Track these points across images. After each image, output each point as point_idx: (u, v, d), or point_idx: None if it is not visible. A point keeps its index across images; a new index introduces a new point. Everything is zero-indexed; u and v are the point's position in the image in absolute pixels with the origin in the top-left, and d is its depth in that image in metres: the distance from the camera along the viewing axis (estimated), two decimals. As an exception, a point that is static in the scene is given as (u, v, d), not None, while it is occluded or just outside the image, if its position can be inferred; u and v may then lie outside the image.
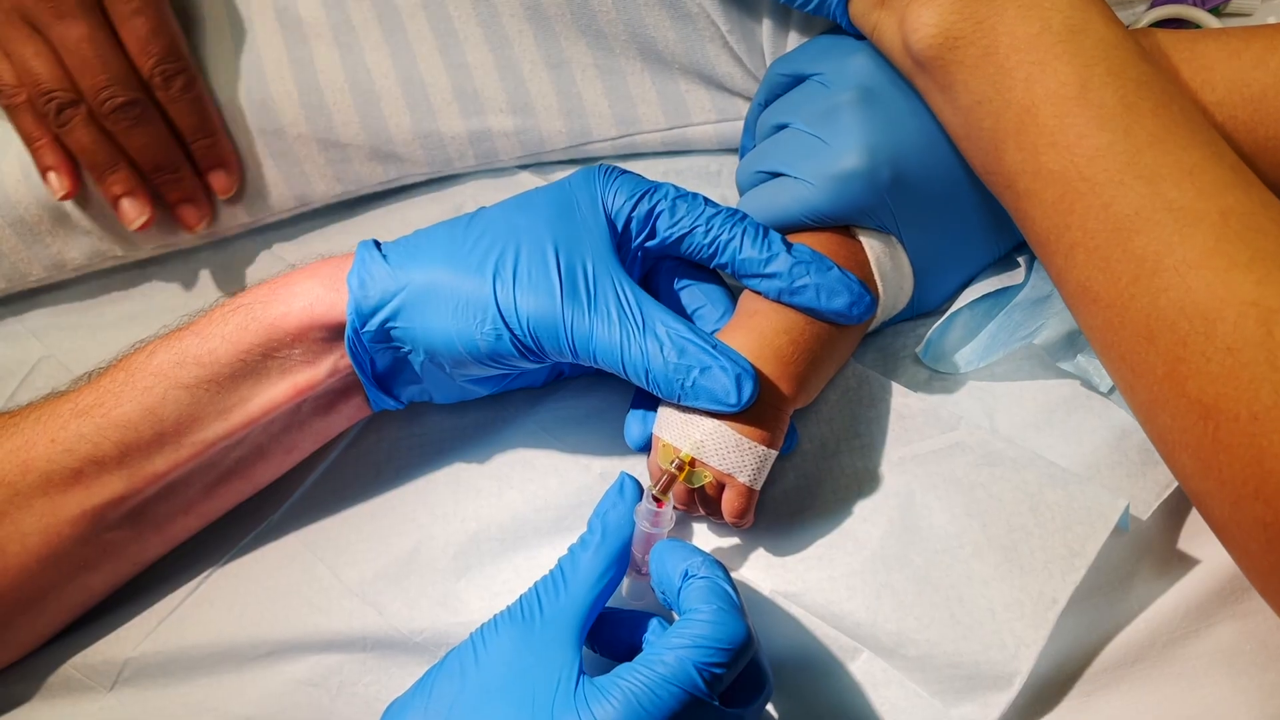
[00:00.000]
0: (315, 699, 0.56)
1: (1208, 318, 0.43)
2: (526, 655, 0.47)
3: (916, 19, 0.52)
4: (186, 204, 0.67)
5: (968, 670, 0.51)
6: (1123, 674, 0.54)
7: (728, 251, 0.54)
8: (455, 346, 0.52)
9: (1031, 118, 0.48)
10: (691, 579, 0.48)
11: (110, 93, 0.62)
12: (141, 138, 0.64)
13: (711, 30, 0.65)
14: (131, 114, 0.63)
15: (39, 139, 0.64)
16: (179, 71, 0.64)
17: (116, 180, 0.65)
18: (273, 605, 0.57)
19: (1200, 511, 0.47)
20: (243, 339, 0.53)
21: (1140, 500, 0.55)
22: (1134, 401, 0.48)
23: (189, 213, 0.67)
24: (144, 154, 0.65)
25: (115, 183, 0.65)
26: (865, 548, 0.54)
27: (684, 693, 0.44)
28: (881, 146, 0.55)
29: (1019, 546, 0.53)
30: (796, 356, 0.54)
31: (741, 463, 0.52)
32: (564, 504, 0.57)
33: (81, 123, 0.63)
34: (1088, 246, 0.47)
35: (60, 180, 0.64)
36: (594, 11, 0.65)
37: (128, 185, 0.65)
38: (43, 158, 0.64)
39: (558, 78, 0.67)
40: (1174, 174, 0.45)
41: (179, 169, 0.66)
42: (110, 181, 0.65)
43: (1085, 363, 0.58)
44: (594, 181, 0.55)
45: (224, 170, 0.67)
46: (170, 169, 0.65)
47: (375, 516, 0.59)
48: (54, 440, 0.53)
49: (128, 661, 0.56)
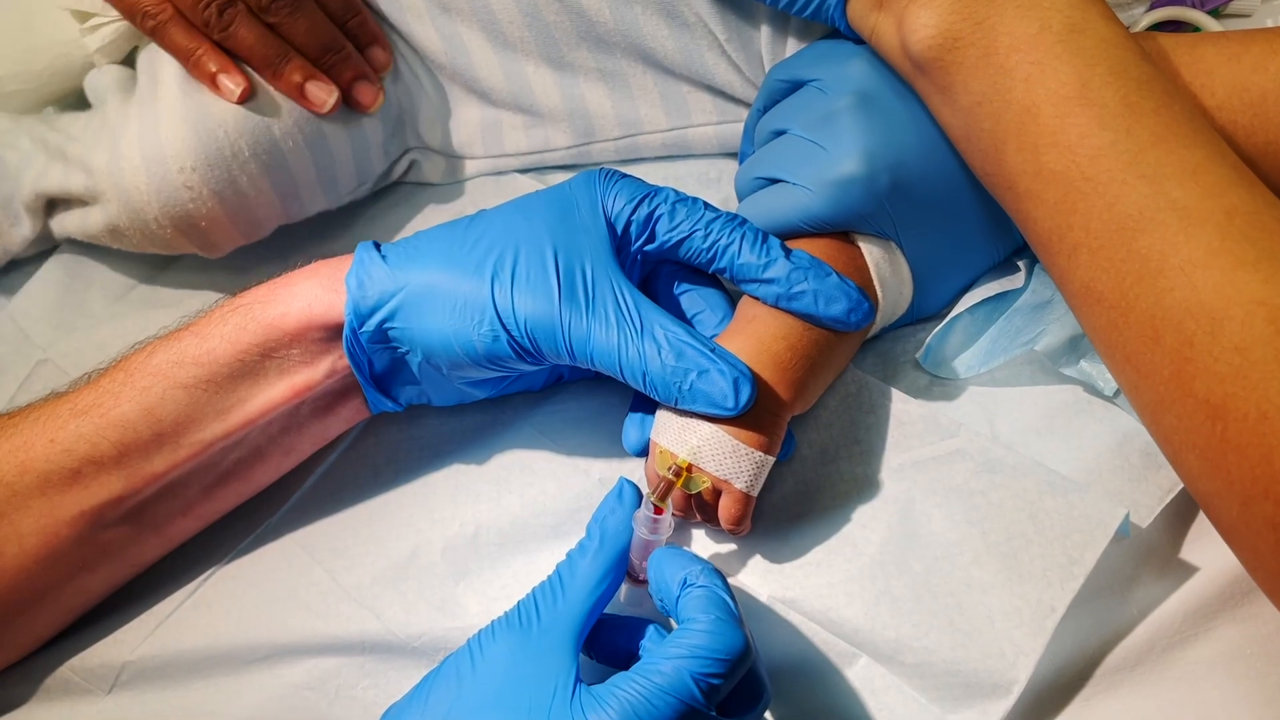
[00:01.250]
0: (313, 703, 0.55)
1: (1214, 317, 0.42)
2: (523, 662, 0.46)
3: (915, 20, 0.51)
4: (360, 81, 0.66)
5: (966, 678, 0.51)
6: (1123, 678, 0.53)
7: (726, 256, 0.54)
8: (452, 347, 0.52)
9: (1032, 118, 0.48)
10: (690, 587, 0.47)
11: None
12: (304, 23, 0.63)
13: (710, 39, 0.64)
14: (289, 3, 0.62)
15: (196, 49, 0.62)
16: None
17: (295, 69, 0.63)
18: (270, 609, 0.57)
19: (1207, 513, 0.46)
20: (241, 339, 0.53)
21: (1142, 505, 0.54)
22: (1139, 402, 0.47)
23: (365, 91, 0.66)
24: (310, 38, 0.63)
25: (294, 71, 0.63)
26: (864, 554, 0.54)
27: (681, 703, 0.44)
28: (880, 152, 0.55)
29: (1018, 554, 0.52)
30: (794, 362, 0.53)
31: (738, 469, 0.51)
32: (563, 509, 0.57)
33: (244, 20, 0.62)
34: (1091, 247, 0.46)
35: (235, 79, 0.62)
36: (592, 21, 0.65)
37: (307, 71, 0.63)
38: (206, 65, 0.62)
39: (560, 79, 0.67)
40: (1177, 173, 0.45)
41: (344, 47, 0.65)
42: (289, 71, 0.63)
43: (1089, 367, 0.57)
44: (594, 185, 0.55)
45: (379, 45, 0.66)
46: (337, 48, 0.64)
47: (373, 520, 0.59)
48: (52, 440, 0.52)
49: (125, 665, 0.56)
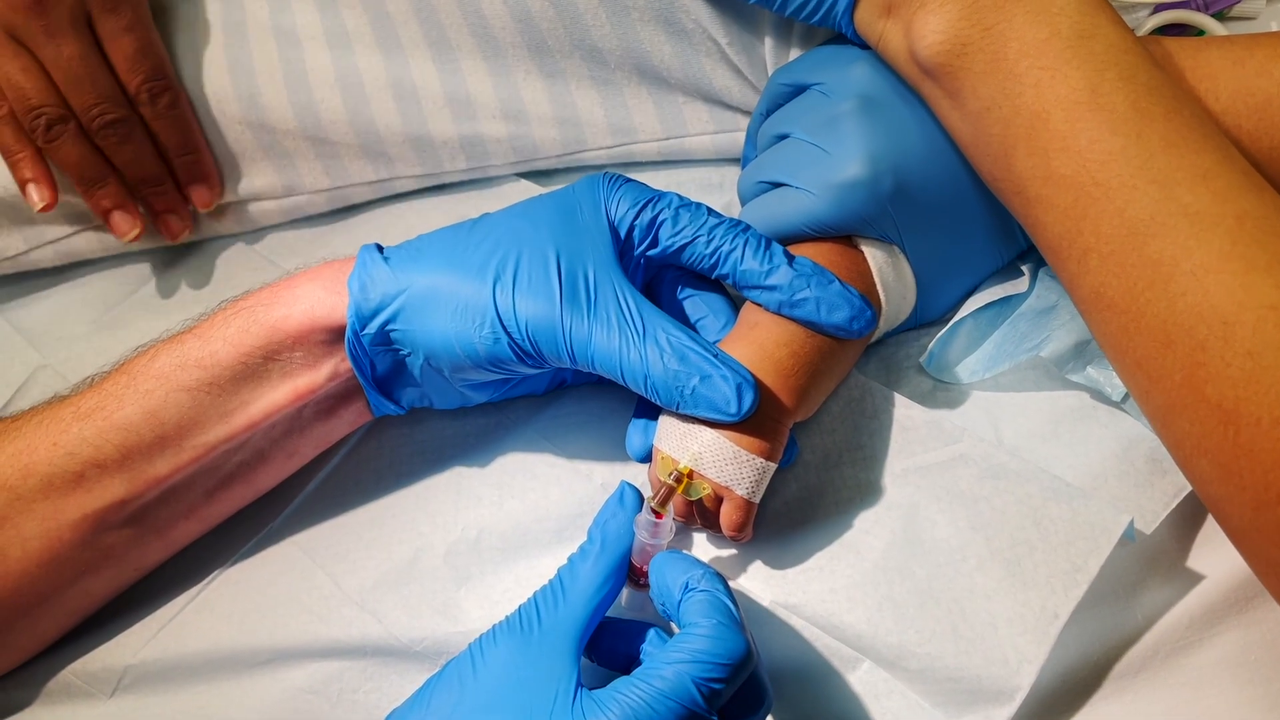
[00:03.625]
0: (315, 706, 0.55)
1: (1227, 322, 0.42)
2: (524, 667, 0.46)
3: (924, 26, 0.51)
4: (171, 215, 0.68)
5: (969, 684, 0.50)
6: (1127, 684, 0.53)
7: (729, 262, 0.54)
8: (454, 349, 0.51)
9: (1042, 123, 0.48)
10: (691, 592, 0.47)
11: (101, 110, 0.63)
12: (129, 153, 0.65)
13: (708, 45, 0.64)
14: (121, 131, 0.64)
15: (19, 153, 0.64)
16: (165, 89, 0.65)
17: (106, 194, 0.66)
18: (273, 612, 0.56)
19: (1217, 518, 0.46)
20: (244, 341, 0.52)
21: (1147, 510, 0.54)
22: (1149, 407, 0.47)
23: (173, 223, 0.68)
24: (131, 168, 0.66)
25: (105, 197, 0.66)
26: (867, 559, 0.53)
27: (682, 708, 0.43)
28: (883, 155, 0.55)
29: (1022, 560, 0.51)
30: (797, 369, 0.53)
31: (740, 475, 0.51)
32: (565, 513, 0.57)
33: (71, 138, 0.63)
34: (1101, 252, 0.46)
35: (41, 192, 0.64)
36: (587, 26, 0.64)
37: (117, 199, 0.66)
38: (22, 171, 0.64)
39: (551, 86, 0.66)
40: (1188, 178, 0.44)
41: (164, 181, 0.67)
42: (100, 195, 0.65)
43: (1096, 374, 0.57)
44: (598, 189, 0.54)
45: (205, 185, 0.67)
46: (156, 182, 0.66)
47: (375, 524, 0.58)
48: (55, 444, 0.52)
49: (128, 669, 0.56)
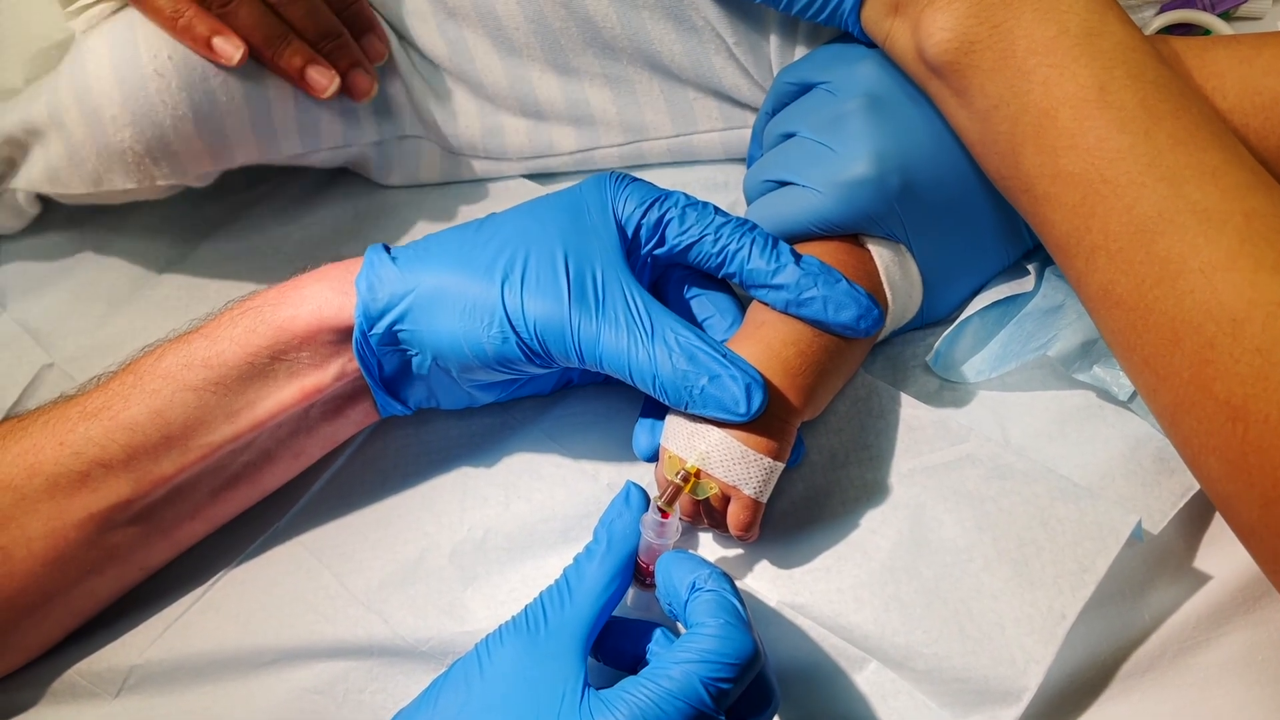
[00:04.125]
0: (321, 707, 0.55)
1: (1235, 319, 0.42)
2: (531, 667, 0.46)
3: (931, 24, 0.51)
4: (356, 69, 0.64)
5: (976, 685, 0.50)
6: (1135, 684, 0.53)
7: (736, 261, 0.54)
8: (462, 349, 0.51)
9: (1050, 121, 0.48)
10: (698, 591, 0.47)
11: None
12: (303, 6, 0.62)
13: (717, 43, 0.64)
14: None
15: (182, 11, 0.59)
16: None
17: (295, 51, 0.62)
18: (278, 612, 0.56)
19: (1226, 516, 0.46)
20: (251, 341, 0.52)
21: (1154, 511, 0.54)
22: (1157, 405, 0.47)
23: (360, 79, 0.64)
24: (308, 22, 0.62)
25: (295, 54, 0.62)
26: (874, 559, 0.53)
27: (690, 708, 0.43)
28: (890, 153, 0.55)
29: (1029, 561, 0.51)
30: (804, 368, 0.53)
31: (747, 475, 0.51)
32: (571, 513, 0.56)
33: (247, 0, 0.60)
34: (1109, 249, 0.46)
35: (231, 41, 0.59)
36: (599, 27, 0.64)
37: (307, 54, 0.62)
38: (197, 28, 0.59)
39: (565, 84, 0.67)
40: (1197, 176, 0.44)
41: (341, 34, 0.64)
42: (289, 54, 0.62)
43: (1102, 373, 0.57)
44: (605, 188, 0.54)
45: (375, 34, 0.65)
46: (335, 34, 0.63)
47: (381, 524, 0.58)
48: (62, 444, 0.52)
49: (133, 668, 0.55)
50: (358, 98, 0.65)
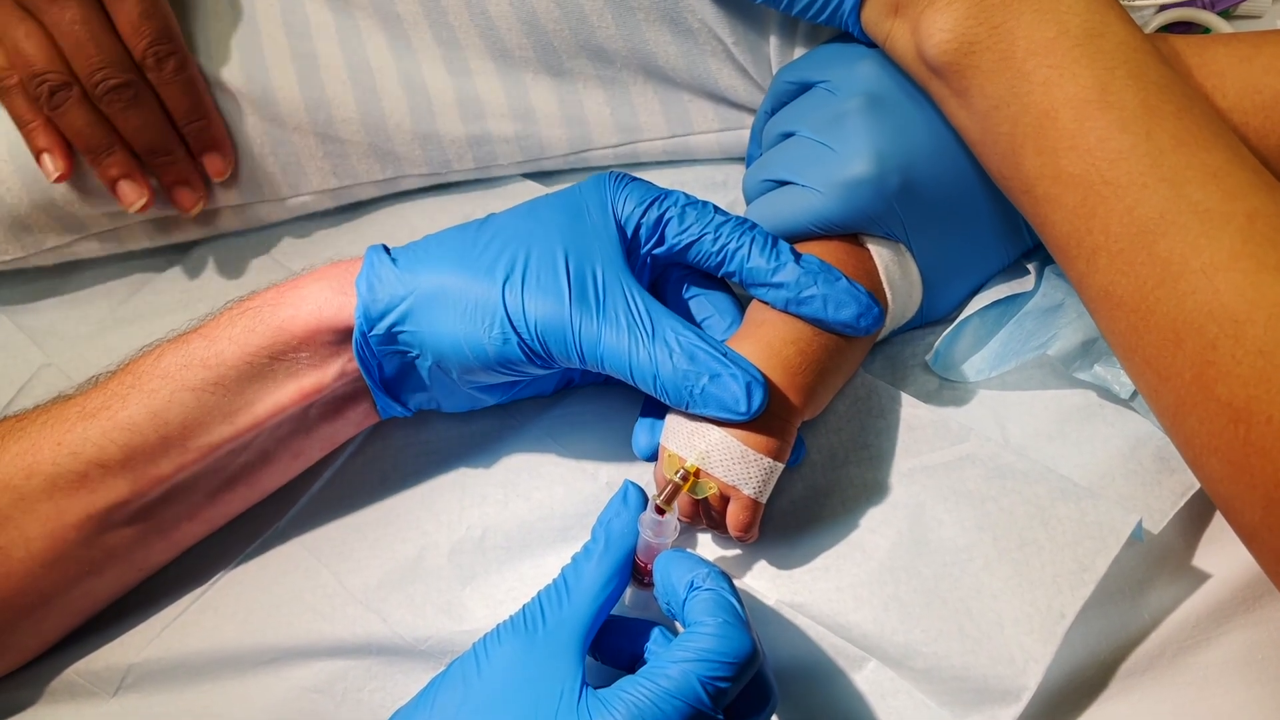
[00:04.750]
0: (320, 705, 0.55)
1: (1237, 320, 0.42)
2: (529, 666, 0.46)
3: (931, 25, 0.51)
4: (181, 186, 0.65)
5: (976, 684, 0.50)
6: (1134, 683, 0.53)
7: (735, 260, 0.54)
8: (463, 350, 0.51)
9: (1051, 121, 0.47)
10: (696, 590, 0.47)
11: (105, 74, 0.61)
12: (136, 119, 0.62)
13: (714, 44, 0.64)
14: (126, 95, 0.61)
15: (31, 121, 0.62)
16: (171, 53, 0.62)
17: (113, 163, 0.63)
18: (277, 611, 0.56)
19: (1227, 517, 0.46)
20: (250, 341, 0.52)
21: (1155, 510, 0.53)
22: (1159, 406, 0.47)
23: (184, 195, 0.65)
24: (139, 136, 0.63)
25: (112, 165, 0.63)
26: (873, 559, 0.53)
27: (688, 706, 0.43)
28: (890, 153, 0.55)
29: (1029, 560, 0.51)
30: (804, 367, 0.53)
31: (747, 475, 0.50)
32: (570, 512, 0.56)
33: (75, 105, 0.61)
34: (1111, 250, 0.46)
35: (55, 162, 0.62)
36: (593, 28, 0.64)
37: (125, 167, 0.63)
38: (36, 140, 0.62)
39: (559, 85, 0.66)
40: (1198, 176, 0.44)
41: (173, 151, 0.64)
42: (107, 164, 0.63)
43: (1103, 372, 0.57)
44: (604, 188, 0.54)
45: (218, 153, 0.65)
46: (165, 151, 0.64)
47: (380, 523, 0.58)
48: (60, 443, 0.52)
49: (131, 667, 0.55)
50: (182, 213, 0.66)
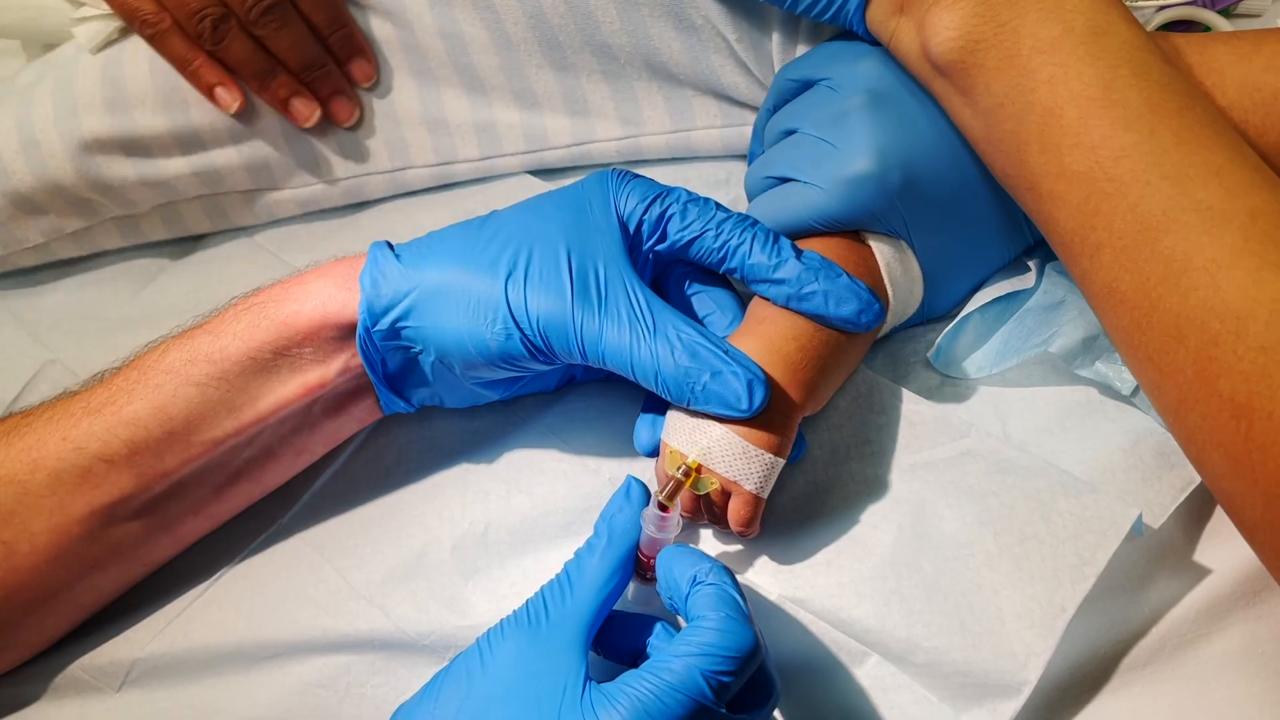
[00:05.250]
0: (323, 700, 0.55)
1: (1239, 317, 0.42)
2: (532, 660, 0.46)
3: (937, 23, 0.51)
4: (338, 96, 0.67)
5: (977, 678, 0.50)
6: (1135, 677, 0.52)
7: (737, 256, 0.54)
8: (465, 346, 0.51)
9: (1055, 119, 0.47)
10: (699, 585, 0.47)
11: None
12: (289, 37, 0.65)
13: (717, 41, 0.64)
14: (277, 15, 0.64)
15: (194, 60, 0.64)
16: None
17: (281, 84, 0.66)
18: (281, 607, 0.56)
19: (1229, 512, 0.46)
20: (254, 336, 0.52)
21: (1155, 504, 0.53)
22: (1161, 402, 0.47)
23: (342, 106, 0.67)
24: (294, 53, 0.65)
25: (280, 86, 0.66)
26: (874, 554, 0.53)
27: (691, 700, 0.43)
28: (892, 150, 0.55)
29: (1030, 555, 0.51)
30: (805, 363, 0.53)
31: (748, 470, 0.51)
32: (572, 507, 0.56)
33: (237, 34, 0.64)
34: (1114, 247, 0.46)
35: (231, 92, 0.65)
36: (598, 23, 0.64)
37: (292, 86, 0.66)
38: (204, 76, 0.65)
39: (562, 79, 0.67)
40: (1201, 174, 0.44)
41: (326, 63, 0.66)
42: (275, 86, 0.66)
43: (1105, 369, 0.56)
44: (607, 184, 0.54)
45: (363, 58, 0.67)
46: (319, 64, 0.66)
47: (383, 519, 0.58)
48: (65, 438, 0.52)
49: (135, 663, 0.55)
50: (338, 123, 0.68)
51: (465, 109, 0.68)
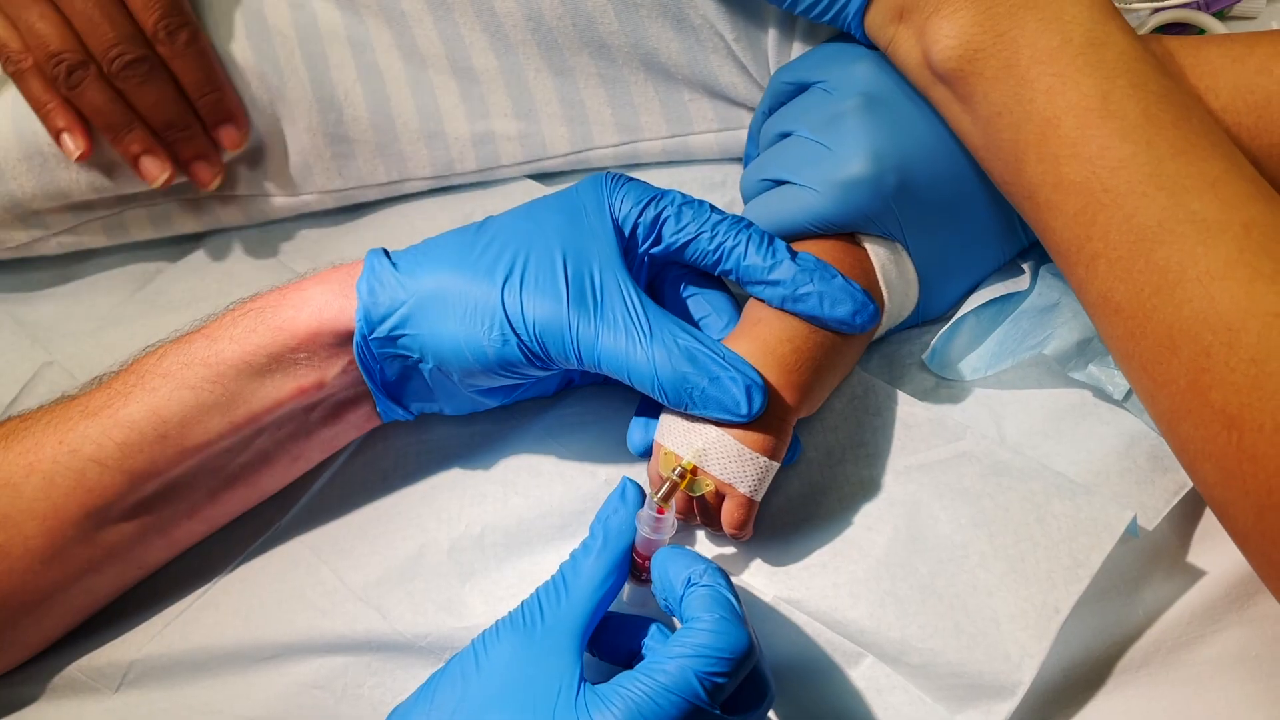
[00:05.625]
0: (320, 701, 0.55)
1: (1232, 328, 0.42)
2: (527, 662, 0.46)
3: (937, 31, 0.51)
4: (200, 161, 0.65)
5: (971, 679, 0.50)
6: (1129, 679, 0.53)
7: (732, 258, 0.53)
8: (462, 352, 0.51)
9: (1053, 129, 0.47)
10: (694, 587, 0.47)
11: (120, 50, 0.61)
12: (152, 94, 0.62)
13: (715, 41, 0.64)
14: (141, 70, 0.61)
15: (48, 103, 0.62)
16: (182, 25, 0.62)
17: (134, 139, 0.63)
18: (278, 608, 0.56)
19: (1222, 521, 0.46)
20: (250, 341, 0.52)
21: (1149, 507, 0.53)
22: (1155, 411, 0.47)
23: (202, 170, 0.65)
24: (155, 111, 0.63)
25: (133, 141, 0.63)
26: (869, 556, 0.53)
27: (685, 702, 0.43)
28: (886, 152, 0.55)
29: (1024, 557, 0.51)
30: (800, 365, 0.53)
31: (743, 473, 0.50)
32: (568, 509, 0.56)
33: (93, 83, 0.61)
34: (1110, 257, 0.46)
35: (75, 140, 0.63)
36: (596, 23, 0.64)
37: (145, 143, 0.64)
38: (54, 121, 0.62)
39: (561, 84, 0.66)
40: (1197, 186, 0.44)
41: (190, 125, 0.64)
42: (128, 140, 0.63)
43: (1098, 372, 0.57)
44: (601, 188, 0.54)
45: (233, 125, 0.65)
46: (182, 125, 0.64)
47: (380, 521, 0.58)
48: (61, 441, 0.52)
49: (133, 664, 0.55)
50: (199, 186, 0.66)
51: (463, 120, 0.67)
